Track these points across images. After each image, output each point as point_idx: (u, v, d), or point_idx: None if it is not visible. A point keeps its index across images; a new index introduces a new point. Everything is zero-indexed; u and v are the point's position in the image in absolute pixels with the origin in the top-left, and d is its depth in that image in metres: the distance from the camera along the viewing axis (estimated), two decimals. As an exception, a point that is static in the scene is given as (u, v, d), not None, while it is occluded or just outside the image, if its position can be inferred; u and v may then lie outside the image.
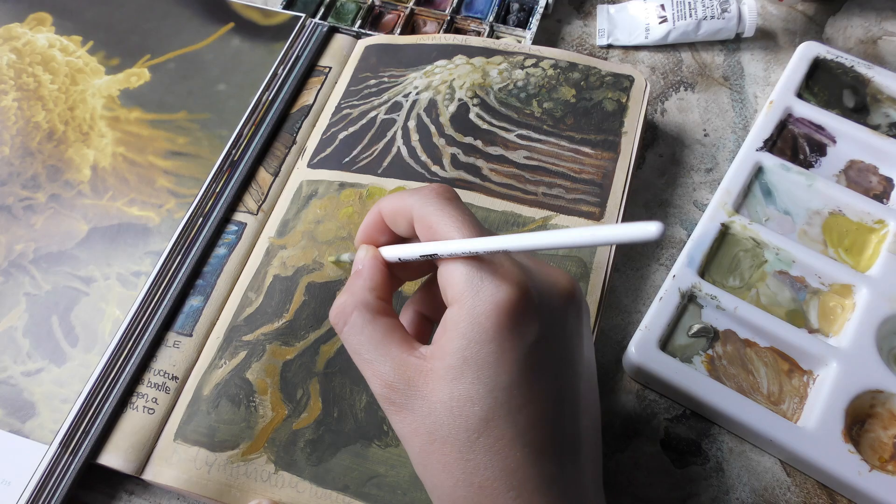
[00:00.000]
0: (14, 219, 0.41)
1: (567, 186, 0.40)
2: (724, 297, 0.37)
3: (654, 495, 0.34)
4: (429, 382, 0.24)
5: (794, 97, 0.44)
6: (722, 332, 0.37)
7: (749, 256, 0.39)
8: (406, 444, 0.25)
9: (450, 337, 0.24)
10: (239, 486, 0.32)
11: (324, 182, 0.41)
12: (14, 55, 0.47)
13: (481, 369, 0.23)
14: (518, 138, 0.42)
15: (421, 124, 0.42)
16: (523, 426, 0.23)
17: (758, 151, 0.42)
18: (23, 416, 0.35)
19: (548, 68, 0.44)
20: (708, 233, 0.39)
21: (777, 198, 0.41)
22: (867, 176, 0.42)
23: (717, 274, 0.39)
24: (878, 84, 0.45)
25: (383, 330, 0.25)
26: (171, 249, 0.39)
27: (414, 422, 0.24)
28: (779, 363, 0.36)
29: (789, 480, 0.35)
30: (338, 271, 0.38)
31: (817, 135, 0.43)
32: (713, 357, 0.37)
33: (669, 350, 0.37)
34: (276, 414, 0.34)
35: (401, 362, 0.25)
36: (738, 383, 0.36)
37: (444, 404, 0.23)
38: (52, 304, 0.38)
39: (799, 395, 0.36)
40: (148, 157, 0.43)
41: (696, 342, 0.37)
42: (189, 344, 0.37)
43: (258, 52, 0.47)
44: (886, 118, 0.44)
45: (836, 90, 0.45)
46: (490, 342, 0.23)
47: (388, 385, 0.24)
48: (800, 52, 0.45)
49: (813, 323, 0.38)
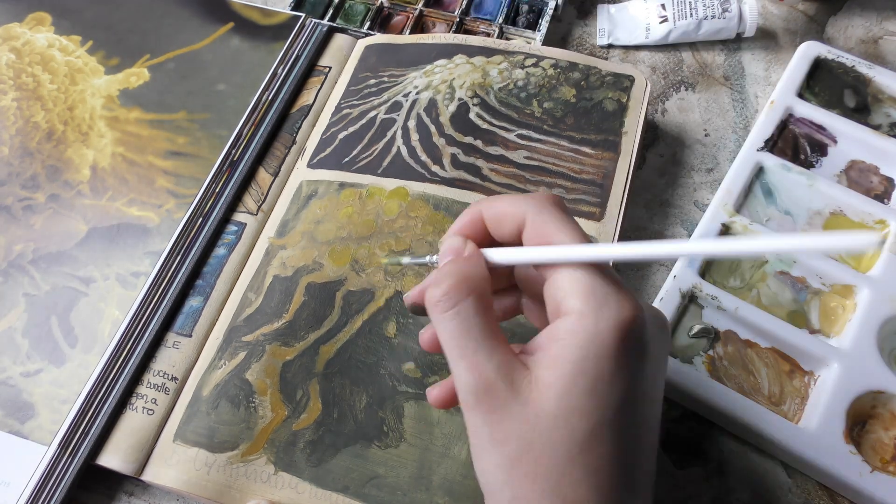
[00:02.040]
0: (13, 219, 0.41)
1: (567, 186, 0.40)
2: (724, 298, 0.37)
3: (654, 496, 0.34)
4: (534, 389, 0.23)
5: (795, 97, 0.44)
6: (723, 333, 0.37)
7: None
8: (485, 449, 0.23)
9: (564, 346, 0.23)
10: (238, 486, 0.32)
11: (324, 182, 0.41)
12: (13, 55, 0.47)
13: (596, 384, 0.22)
14: (518, 138, 0.41)
15: (421, 124, 0.42)
16: (624, 448, 0.23)
17: (759, 151, 0.42)
18: (22, 417, 0.34)
19: (548, 68, 0.44)
20: (708, 233, 0.39)
21: (778, 198, 0.41)
22: (868, 176, 0.42)
23: (717, 274, 0.39)
24: (878, 84, 0.44)
25: (493, 324, 0.24)
26: (170, 250, 0.39)
27: (507, 427, 0.23)
28: (780, 364, 0.36)
29: (790, 482, 0.34)
30: (338, 270, 0.38)
31: (818, 135, 0.43)
32: (714, 358, 0.36)
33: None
34: (275, 415, 0.34)
35: (507, 362, 0.23)
36: (739, 384, 0.36)
37: (549, 414, 0.22)
38: (52, 305, 0.38)
39: (800, 395, 0.36)
40: (147, 158, 0.43)
41: (696, 343, 0.37)
42: (188, 344, 0.37)
43: (258, 51, 0.47)
44: (888, 118, 0.44)
45: (837, 90, 0.45)
46: (609, 359, 0.22)
47: (488, 383, 0.23)
48: (801, 51, 0.45)
49: (814, 323, 0.37)
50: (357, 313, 0.36)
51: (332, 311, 0.36)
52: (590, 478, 0.22)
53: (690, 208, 0.43)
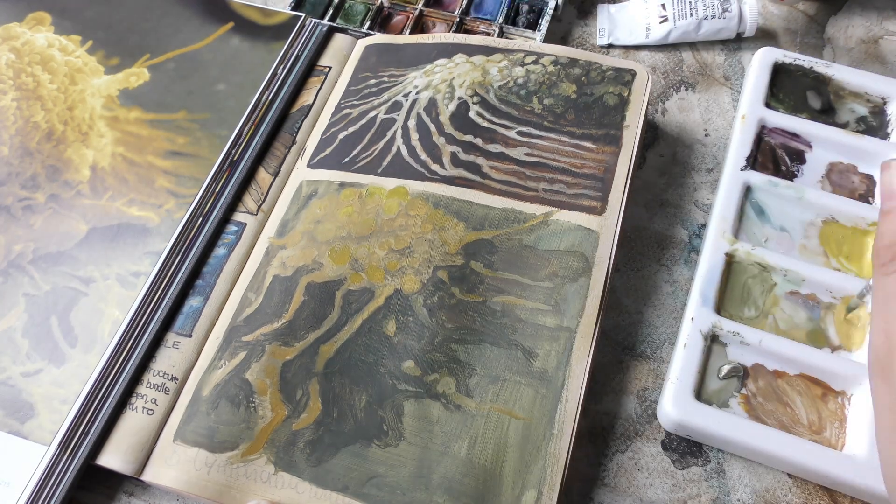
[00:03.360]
0: (13, 219, 0.41)
1: (568, 182, 0.40)
2: (746, 332, 0.36)
3: (654, 496, 0.34)
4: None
5: (764, 107, 0.43)
6: (751, 368, 0.36)
7: (758, 282, 0.38)
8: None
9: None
10: (238, 486, 0.32)
11: (324, 182, 0.41)
12: (13, 55, 0.47)
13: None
14: (518, 135, 0.41)
15: (421, 123, 0.42)
16: None
17: (742, 171, 0.41)
18: (22, 417, 0.34)
19: (548, 65, 0.44)
20: (715, 266, 0.38)
21: (770, 216, 0.40)
22: (849, 177, 0.42)
23: (731, 307, 0.38)
24: (838, 81, 0.44)
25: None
26: (170, 250, 0.39)
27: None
28: (811, 389, 0.35)
29: (790, 481, 0.34)
30: (338, 270, 0.38)
31: (793, 143, 0.42)
32: (748, 396, 0.35)
33: (704, 398, 0.35)
34: (275, 414, 0.34)
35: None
36: (779, 419, 0.35)
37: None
38: (52, 305, 0.38)
39: (838, 418, 0.35)
40: (147, 157, 0.43)
41: (728, 384, 0.36)
42: (188, 344, 0.37)
43: (258, 51, 0.47)
44: (852, 113, 0.44)
45: (800, 93, 0.44)
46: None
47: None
48: (758, 60, 0.44)
49: (833, 340, 0.37)
50: (357, 312, 0.36)
51: (331, 310, 0.36)
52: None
53: (690, 208, 0.43)
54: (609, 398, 0.37)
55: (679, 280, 0.40)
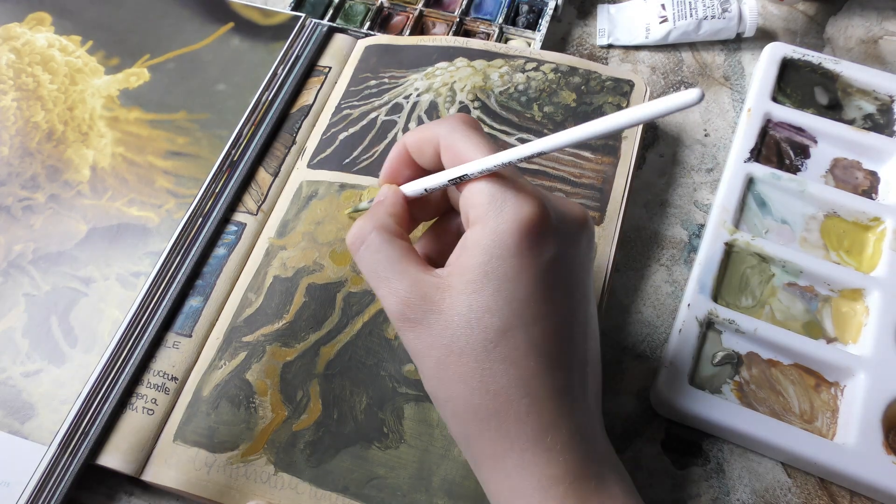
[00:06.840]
0: (13, 219, 0.41)
1: (567, 191, 0.40)
2: (741, 320, 0.36)
3: (654, 496, 0.34)
4: (446, 297, 0.25)
5: (770, 101, 0.43)
6: (745, 356, 0.36)
7: (756, 273, 0.38)
8: (420, 360, 0.26)
9: (471, 254, 0.25)
10: (238, 487, 0.32)
11: (324, 183, 0.41)
12: (13, 55, 0.47)
13: (501, 282, 0.24)
14: (518, 142, 0.41)
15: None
16: (538, 338, 0.24)
17: (746, 163, 0.41)
18: (22, 417, 0.34)
19: (549, 72, 0.44)
20: (714, 255, 0.38)
21: (772, 208, 0.40)
22: (853, 172, 0.42)
23: (728, 296, 0.38)
24: (846, 77, 0.44)
25: (401, 250, 0.26)
26: (170, 250, 0.39)
27: (430, 336, 0.25)
28: (805, 379, 0.36)
29: (790, 481, 0.35)
30: (339, 272, 0.38)
31: (798, 137, 0.43)
32: (741, 383, 0.36)
33: (697, 383, 0.36)
34: (275, 415, 0.34)
35: (417, 279, 0.25)
36: (770, 406, 0.35)
37: (463, 316, 0.24)
38: (52, 305, 0.38)
39: (830, 409, 0.35)
40: (147, 158, 0.43)
41: (721, 371, 0.36)
42: (188, 345, 0.37)
43: (258, 51, 0.47)
44: (860, 110, 0.44)
45: (808, 89, 0.45)
46: (511, 257, 0.24)
47: (404, 301, 0.25)
48: (767, 54, 0.45)
49: (829, 332, 0.37)
50: (357, 315, 0.36)
51: (332, 312, 0.36)
52: (509, 369, 0.24)
53: (690, 208, 0.43)
54: (609, 398, 0.37)
55: (679, 280, 0.40)
